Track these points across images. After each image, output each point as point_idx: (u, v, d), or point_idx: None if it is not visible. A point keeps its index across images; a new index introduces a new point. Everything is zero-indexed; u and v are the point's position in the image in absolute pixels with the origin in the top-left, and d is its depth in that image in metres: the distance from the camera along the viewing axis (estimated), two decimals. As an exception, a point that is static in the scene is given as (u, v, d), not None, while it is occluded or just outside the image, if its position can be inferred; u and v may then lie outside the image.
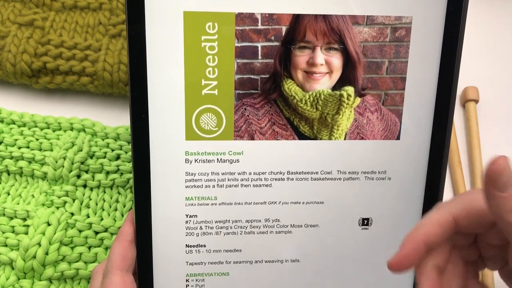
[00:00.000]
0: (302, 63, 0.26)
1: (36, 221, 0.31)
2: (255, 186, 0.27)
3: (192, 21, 0.25)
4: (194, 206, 0.27)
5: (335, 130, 0.27)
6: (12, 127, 0.35)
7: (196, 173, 0.27)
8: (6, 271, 0.31)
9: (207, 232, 0.28)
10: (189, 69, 0.26)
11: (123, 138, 0.34)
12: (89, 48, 0.35)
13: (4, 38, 0.35)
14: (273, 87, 0.27)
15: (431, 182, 0.28)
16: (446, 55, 0.26)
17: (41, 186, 0.34)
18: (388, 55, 0.27)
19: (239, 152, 0.27)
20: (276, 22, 0.26)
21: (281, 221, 0.28)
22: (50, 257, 0.30)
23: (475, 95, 0.37)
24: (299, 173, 0.28)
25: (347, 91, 0.27)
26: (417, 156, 0.28)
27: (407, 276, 0.29)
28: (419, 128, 0.27)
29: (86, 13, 0.37)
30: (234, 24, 0.26)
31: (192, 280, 0.28)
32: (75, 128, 0.35)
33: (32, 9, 0.37)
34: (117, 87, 0.35)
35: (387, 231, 0.29)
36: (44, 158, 0.34)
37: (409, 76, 0.27)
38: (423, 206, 0.28)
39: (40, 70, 0.35)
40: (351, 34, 0.26)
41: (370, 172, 0.28)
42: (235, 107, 0.27)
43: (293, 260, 0.29)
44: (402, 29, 0.26)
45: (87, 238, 0.32)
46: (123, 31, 0.36)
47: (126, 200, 0.34)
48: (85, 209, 0.33)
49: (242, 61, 0.26)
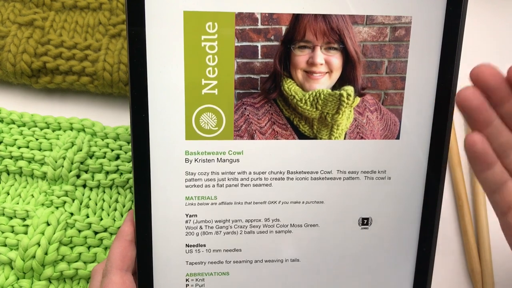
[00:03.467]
0: (302, 63, 0.26)
1: (35, 221, 0.31)
2: (255, 186, 0.27)
3: (192, 20, 0.25)
4: (194, 206, 0.27)
5: (335, 129, 0.27)
6: (11, 127, 0.35)
7: (196, 173, 0.27)
8: (5, 271, 0.31)
9: (207, 232, 0.28)
10: (189, 69, 0.26)
11: (122, 138, 0.34)
12: (89, 48, 0.35)
13: (4, 38, 0.35)
14: (273, 87, 0.27)
15: (430, 182, 0.28)
16: (445, 54, 0.26)
17: (40, 186, 0.34)
18: (388, 55, 0.27)
19: (239, 151, 0.27)
20: (276, 21, 0.26)
21: (281, 220, 0.28)
22: (50, 257, 0.30)
23: (474, 95, 0.37)
24: (299, 173, 0.28)
25: (346, 91, 0.27)
26: (417, 155, 0.28)
27: (407, 276, 0.29)
28: (419, 128, 0.28)
29: (86, 13, 0.37)
30: (234, 23, 0.26)
31: (192, 280, 0.28)
32: (74, 128, 0.35)
33: (32, 9, 0.37)
34: (117, 87, 0.35)
35: (387, 231, 0.29)
36: (44, 158, 0.34)
37: (409, 75, 0.27)
38: (423, 206, 0.28)
39: (40, 70, 0.35)
40: (350, 34, 0.26)
41: (370, 171, 0.28)
42: (235, 106, 0.27)
43: (293, 259, 0.29)
44: (402, 28, 0.26)
45: (86, 238, 0.32)
46: (123, 31, 0.36)
47: (125, 200, 0.34)
48: (84, 209, 0.33)
49: (242, 61, 0.26)
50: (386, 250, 0.29)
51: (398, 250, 0.29)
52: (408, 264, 0.29)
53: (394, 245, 0.29)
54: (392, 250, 0.29)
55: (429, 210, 0.28)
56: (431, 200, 0.28)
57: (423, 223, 0.29)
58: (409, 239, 0.29)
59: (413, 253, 0.29)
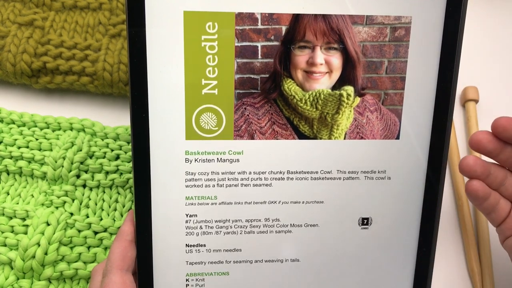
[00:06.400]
0: (302, 63, 0.26)
1: (35, 221, 0.31)
2: (255, 186, 0.27)
3: (192, 20, 0.25)
4: (194, 206, 0.27)
5: (335, 129, 0.27)
6: (11, 127, 0.35)
7: (196, 173, 0.27)
8: (5, 271, 0.31)
9: (207, 232, 0.28)
10: (189, 69, 0.26)
11: (122, 138, 0.34)
12: (89, 48, 0.35)
13: (4, 38, 0.35)
14: (273, 87, 0.27)
15: (430, 181, 0.28)
16: (445, 54, 0.26)
17: (40, 186, 0.34)
18: (388, 55, 0.27)
19: (239, 151, 0.27)
20: (276, 21, 0.26)
21: (281, 220, 0.28)
22: (49, 257, 0.30)
23: (475, 95, 0.37)
24: (299, 173, 0.28)
25: (346, 91, 0.27)
26: (416, 155, 0.28)
27: (407, 276, 0.29)
28: (418, 128, 0.28)
29: (86, 13, 0.37)
30: (234, 23, 0.26)
31: (192, 280, 0.28)
32: (74, 128, 0.35)
33: (32, 9, 0.37)
34: (117, 87, 0.35)
35: (386, 230, 0.29)
36: (44, 158, 0.34)
37: (409, 75, 0.27)
38: (423, 205, 0.28)
39: (40, 70, 0.35)
40: (350, 34, 0.26)
41: (369, 171, 0.28)
42: (235, 106, 0.27)
43: (293, 259, 0.29)
44: (402, 28, 0.26)
45: (86, 238, 0.32)
46: (123, 31, 0.36)
47: (125, 200, 0.34)
48: (84, 209, 0.33)
49: (242, 61, 0.26)
50: (386, 250, 0.29)
51: (398, 250, 0.29)
52: (408, 264, 0.29)
53: (394, 245, 0.29)
54: (392, 250, 0.29)
55: (429, 210, 0.28)
56: (431, 200, 0.28)
57: (423, 223, 0.29)
58: (409, 239, 0.29)
59: (413, 253, 0.29)
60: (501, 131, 0.26)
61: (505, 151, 0.26)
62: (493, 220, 0.28)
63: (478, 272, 0.33)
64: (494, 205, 0.27)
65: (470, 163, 0.26)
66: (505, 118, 0.25)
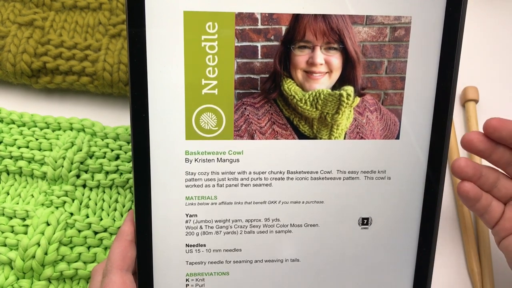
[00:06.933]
0: (302, 63, 0.27)
1: (35, 221, 0.31)
2: (255, 186, 0.27)
3: (192, 20, 0.25)
4: (194, 206, 0.27)
5: (335, 129, 0.27)
6: (11, 127, 0.35)
7: (196, 173, 0.27)
8: (5, 271, 0.31)
9: (207, 232, 0.28)
10: (189, 69, 0.26)
11: (122, 138, 0.34)
12: (89, 48, 0.35)
13: (4, 38, 0.35)
14: (273, 87, 0.27)
15: (430, 181, 0.28)
16: (445, 54, 0.26)
17: (40, 186, 0.34)
18: (388, 55, 0.27)
19: (239, 151, 0.27)
20: (275, 22, 0.26)
21: (281, 220, 0.28)
22: (49, 257, 0.30)
23: (475, 95, 0.37)
24: (299, 173, 0.28)
25: (346, 91, 0.27)
26: (416, 155, 0.28)
27: (407, 276, 0.29)
28: (418, 128, 0.28)
29: (86, 13, 0.37)
30: (234, 23, 0.26)
31: (192, 280, 0.28)
32: (74, 128, 0.35)
33: (32, 9, 0.37)
34: (117, 87, 0.35)
35: (387, 230, 0.29)
36: (44, 158, 0.34)
37: (409, 75, 0.27)
38: (423, 205, 0.28)
39: (40, 70, 0.35)
40: (350, 34, 0.26)
41: (369, 171, 0.28)
42: (235, 106, 0.27)
43: (293, 259, 0.29)
44: (402, 28, 0.26)
45: (86, 238, 0.32)
46: (123, 31, 0.36)
47: (125, 200, 0.34)
48: (84, 209, 0.33)
49: (242, 61, 0.26)
50: (386, 250, 0.29)
51: (398, 250, 0.29)
52: (408, 264, 0.29)
53: (394, 245, 0.29)
54: (392, 250, 0.29)
55: (429, 210, 0.28)
56: (431, 200, 0.28)
57: (423, 223, 0.29)
58: (409, 239, 0.29)
59: (413, 253, 0.29)
60: (492, 132, 0.26)
61: (497, 151, 0.27)
62: (487, 221, 0.28)
63: (478, 272, 0.33)
64: (486, 207, 0.27)
65: (461, 164, 0.27)
66: (496, 119, 0.26)
